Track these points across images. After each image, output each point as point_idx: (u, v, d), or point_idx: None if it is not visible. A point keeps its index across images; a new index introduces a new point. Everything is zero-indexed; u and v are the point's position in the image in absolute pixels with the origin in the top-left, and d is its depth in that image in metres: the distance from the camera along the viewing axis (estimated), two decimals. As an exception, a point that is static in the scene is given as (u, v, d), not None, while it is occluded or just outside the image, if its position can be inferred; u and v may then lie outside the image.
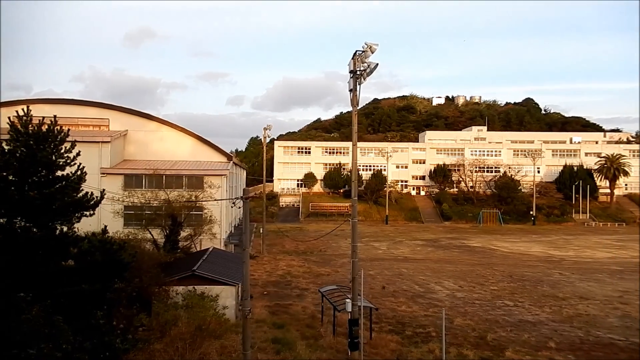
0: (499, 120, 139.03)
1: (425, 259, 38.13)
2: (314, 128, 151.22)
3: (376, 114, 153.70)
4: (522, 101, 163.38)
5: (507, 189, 72.47)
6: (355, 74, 14.70)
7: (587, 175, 74.15)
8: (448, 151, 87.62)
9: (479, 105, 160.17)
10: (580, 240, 50.98)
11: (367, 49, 14.25)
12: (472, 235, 54.45)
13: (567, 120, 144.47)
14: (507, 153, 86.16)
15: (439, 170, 79.84)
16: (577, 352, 16.52)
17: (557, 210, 71.00)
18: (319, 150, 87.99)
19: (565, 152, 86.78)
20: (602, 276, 30.72)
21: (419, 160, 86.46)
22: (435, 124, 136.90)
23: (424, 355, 15.70)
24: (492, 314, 21.43)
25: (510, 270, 32.75)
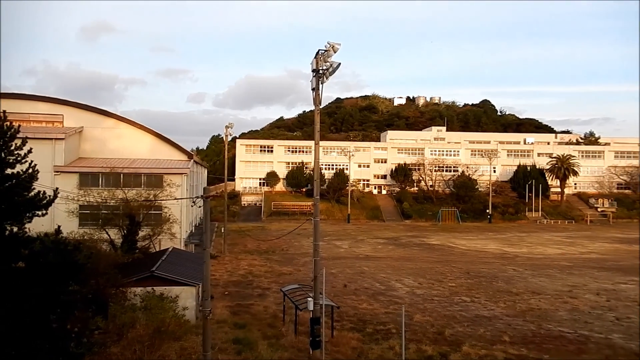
0: (458, 120, 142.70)
1: (386, 257, 38.71)
2: (276, 127, 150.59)
3: (339, 113, 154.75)
4: (480, 103, 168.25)
5: (465, 188, 74.52)
6: (317, 73, 14.76)
7: (540, 175, 77.21)
8: (409, 151, 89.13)
9: (438, 106, 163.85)
10: (533, 237, 53.02)
11: (330, 48, 14.33)
12: (431, 233, 55.66)
13: (521, 121, 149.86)
14: (465, 153, 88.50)
15: (400, 170, 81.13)
16: (529, 345, 17.19)
17: (511, 208, 73.55)
18: (282, 149, 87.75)
19: (519, 153, 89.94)
20: (553, 272, 32.06)
21: (381, 160, 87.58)
22: (396, 124, 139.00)
23: (385, 352, 15.97)
24: (450, 310, 22.01)
25: (468, 267, 33.69)
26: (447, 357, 15.50)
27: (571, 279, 29.68)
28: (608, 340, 17.87)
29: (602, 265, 34.85)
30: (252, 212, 73.17)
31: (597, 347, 17.00)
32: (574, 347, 17.09)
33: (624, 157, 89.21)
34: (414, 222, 69.00)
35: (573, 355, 16.14)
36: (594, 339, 17.92)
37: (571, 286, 27.39)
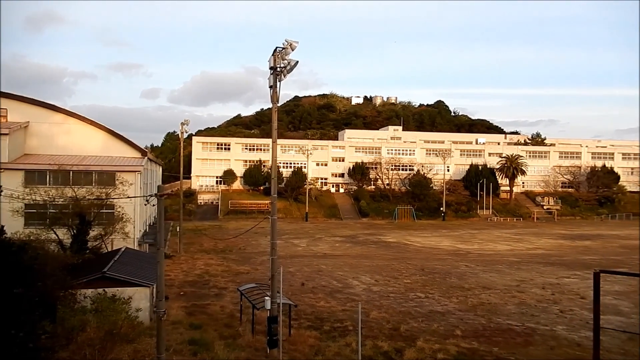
0: (413, 120, 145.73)
1: (344, 255, 39.07)
2: (233, 124, 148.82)
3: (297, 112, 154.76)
4: (434, 103, 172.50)
5: (420, 186, 76.22)
6: (275, 71, 14.68)
7: (490, 174, 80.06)
8: (366, 150, 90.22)
9: (395, 105, 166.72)
10: (484, 234, 54.91)
11: (288, 46, 14.28)
12: (388, 231, 56.59)
13: (473, 122, 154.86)
14: (421, 152, 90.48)
15: (357, 168, 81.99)
16: (480, 338, 17.80)
17: (464, 206, 75.88)
18: (239, 146, 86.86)
19: (471, 152, 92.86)
20: (502, 267, 33.33)
21: (339, 158, 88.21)
22: (354, 123, 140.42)
23: (341, 349, 16.13)
24: (405, 306, 22.48)
25: (422, 263, 34.49)
26: (402, 352, 15.83)
27: (519, 274, 30.93)
28: (553, 332, 18.75)
29: (547, 261, 36.52)
30: (209, 211, 72.04)
31: (543, 339, 17.80)
32: (522, 339, 17.83)
33: (567, 157, 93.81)
34: (371, 220, 69.94)
35: (520, 347, 16.84)
36: (540, 331, 18.76)
37: (519, 281, 28.54)
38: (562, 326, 19.50)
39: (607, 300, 22.86)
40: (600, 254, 40.95)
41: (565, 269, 32.92)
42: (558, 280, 28.82)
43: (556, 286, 27.19)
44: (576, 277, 29.66)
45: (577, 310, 21.94)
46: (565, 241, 49.30)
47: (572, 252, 41.94)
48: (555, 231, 58.65)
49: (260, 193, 77.43)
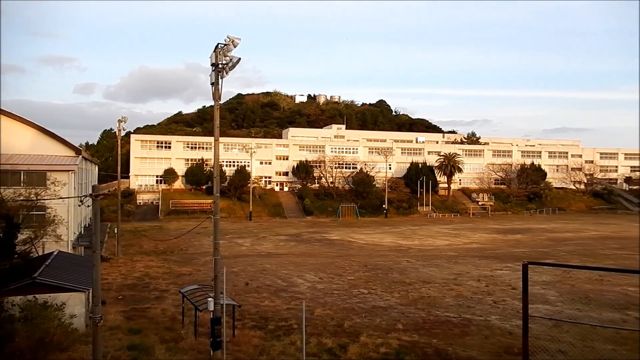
0: (356, 119, 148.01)
1: (288, 253, 39.12)
2: (174, 122, 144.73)
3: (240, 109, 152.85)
4: (376, 102, 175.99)
5: (363, 184, 77.62)
6: (217, 68, 14.41)
7: (430, 172, 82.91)
8: (310, 148, 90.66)
9: (338, 104, 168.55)
10: (424, 230, 56.79)
11: (230, 42, 14.07)
12: (332, 229, 57.21)
13: (413, 121, 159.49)
14: (363, 151, 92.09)
15: (301, 167, 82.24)
16: (420, 331, 18.44)
17: (405, 203, 78.07)
18: (180, 145, 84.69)
19: (412, 151, 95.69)
20: (441, 261, 34.64)
21: (283, 157, 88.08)
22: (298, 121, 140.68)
23: (286, 348, 16.18)
24: (349, 303, 22.85)
25: (366, 260, 35.18)
26: (346, 348, 16.10)
27: (456, 267, 32.27)
28: (487, 322, 19.73)
29: (482, 254, 38.34)
30: (149, 211, 69.78)
31: (478, 329, 18.70)
32: (459, 330, 18.63)
33: (500, 155, 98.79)
34: (315, 218, 70.42)
35: (458, 338, 17.59)
36: (475, 322, 19.68)
37: (456, 274, 29.78)
38: (495, 316, 20.54)
39: (536, 290, 24.36)
40: (530, 246, 43.51)
41: (498, 261, 34.69)
42: (492, 273, 30.33)
43: (490, 278, 28.60)
44: (508, 269, 31.33)
45: (509, 300, 23.19)
46: (498, 235, 51.93)
47: (504, 245, 44.27)
48: (489, 226, 61.63)
49: (203, 192, 75.92)
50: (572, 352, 15.28)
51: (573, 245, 44.26)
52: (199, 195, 74.53)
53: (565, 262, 34.12)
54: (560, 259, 36.15)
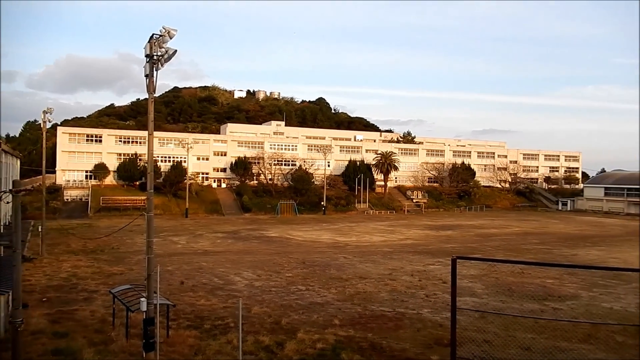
0: (296, 116, 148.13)
1: (226, 251, 38.59)
2: (106, 114, 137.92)
3: (176, 103, 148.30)
4: (316, 100, 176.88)
5: (302, 181, 77.99)
6: (151, 59, 13.92)
7: (367, 170, 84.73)
8: (249, 144, 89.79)
9: (278, 101, 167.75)
10: (361, 226, 57.99)
11: (165, 33, 13.64)
12: (270, 226, 57.03)
13: (352, 120, 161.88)
14: (303, 148, 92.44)
15: (240, 163, 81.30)
16: (356, 325, 18.85)
17: (343, 200, 79.29)
18: (112, 138, 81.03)
19: (350, 149, 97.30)
20: (377, 257, 35.55)
21: (221, 153, 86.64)
22: (236, 117, 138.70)
23: (223, 347, 16.00)
24: (287, 300, 22.93)
25: (304, 257, 35.41)
26: (283, 345, 16.17)
27: (391, 263, 33.25)
28: (419, 315, 20.51)
29: (415, 250, 39.77)
30: (78, 208, 66.23)
31: (411, 322, 19.40)
32: (393, 324, 19.24)
33: (433, 154, 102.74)
34: (254, 215, 69.91)
35: (392, 332, 18.17)
36: (409, 315, 20.41)
37: (391, 270, 30.68)
38: (427, 309, 21.40)
39: (464, 284, 25.63)
40: (459, 242, 45.65)
41: (431, 256, 36.13)
42: (424, 268, 31.54)
43: (423, 273, 29.73)
44: (440, 264, 32.70)
45: (440, 294, 24.22)
46: (430, 231, 54.04)
47: (436, 241, 46.15)
48: (422, 222, 63.97)
49: (136, 188, 73.10)
50: (496, 341, 16.24)
51: (498, 240, 46.94)
52: (132, 192, 71.68)
53: (491, 257, 36.18)
54: (487, 254, 38.23)
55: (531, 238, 49.06)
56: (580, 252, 40.15)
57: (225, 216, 68.41)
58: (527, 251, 39.94)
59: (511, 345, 15.98)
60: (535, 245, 43.47)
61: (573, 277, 28.24)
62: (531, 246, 43.05)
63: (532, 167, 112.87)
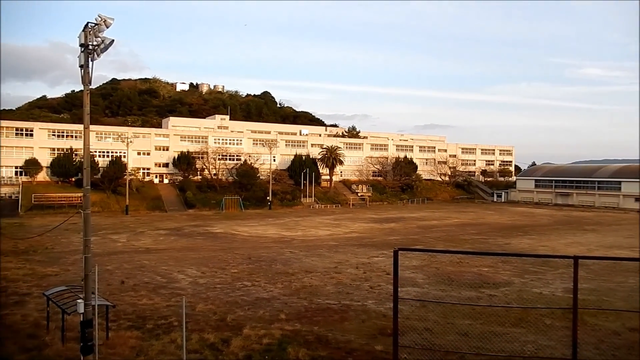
0: (241, 110, 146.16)
1: (169, 248, 37.66)
2: (37, 106, 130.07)
3: (115, 96, 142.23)
4: (261, 94, 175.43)
5: (248, 176, 77.32)
6: (86, 49, 13.28)
7: (313, 164, 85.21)
8: (192, 138, 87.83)
9: (222, 94, 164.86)
10: (307, 221, 58.32)
11: (102, 22, 13.03)
12: (215, 222, 56.18)
13: (297, 114, 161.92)
14: (248, 142, 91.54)
15: (183, 158, 79.39)
16: (303, 319, 19.02)
17: (289, 195, 79.37)
18: (45, 132, 76.63)
19: (296, 143, 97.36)
20: (323, 251, 35.93)
21: (163, 147, 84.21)
22: (179, 110, 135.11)
23: (166, 347, 15.66)
24: (232, 296, 22.74)
25: (249, 252, 35.20)
26: (229, 342, 16.05)
27: (337, 256, 33.72)
28: (364, 306, 20.97)
29: (360, 243, 40.54)
30: (7, 207, 62.25)
31: (356, 314, 19.81)
32: (338, 316, 19.56)
33: (377, 149, 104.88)
34: (198, 211, 68.60)
35: (337, 324, 18.48)
36: (354, 307, 20.82)
37: (337, 263, 31.12)
38: (372, 301, 21.92)
39: (407, 274, 26.46)
40: (402, 234, 46.99)
41: (375, 249, 36.96)
42: (369, 260, 32.22)
43: (367, 265, 30.37)
44: (383, 256, 33.50)
45: (384, 285, 24.85)
46: (375, 224, 55.23)
47: (380, 233, 47.25)
48: (367, 215, 65.24)
49: (72, 185, 69.66)
50: (436, 328, 16.92)
51: (439, 232, 48.73)
52: (68, 188, 68.24)
53: (432, 248, 37.54)
54: (428, 245, 39.63)
55: (469, 229, 51.30)
56: (513, 241, 42.46)
57: (168, 213, 66.64)
58: (465, 241, 41.74)
59: (450, 331, 16.69)
60: (472, 236, 45.51)
61: (507, 264, 29.85)
62: (469, 236, 45.03)
63: (470, 160, 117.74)
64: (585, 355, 13.56)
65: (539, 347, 15.21)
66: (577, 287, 10.95)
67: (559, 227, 53.43)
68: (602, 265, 28.00)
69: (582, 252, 35.24)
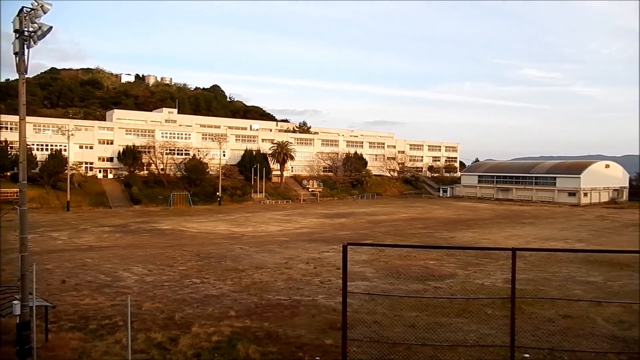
0: (189, 104, 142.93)
1: (113, 245, 36.38)
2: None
3: (55, 86, 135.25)
4: (211, 87, 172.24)
5: (197, 171, 75.82)
6: (21, 35, 12.56)
7: (264, 159, 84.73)
8: (138, 132, 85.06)
9: (170, 87, 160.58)
10: (257, 216, 57.98)
11: (38, 7, 12.35)
12: (162, 218, 54.79)
13: (248, 108, 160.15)
14: (197, 136, 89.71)
15: (128, 152, 76.78)
16: (253, 316, 18.94)
17: (239, 190, 78.57)
18: (-26, 124, 71.63)
19: (246, 138, 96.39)
20: (273, 247, 35.87)
21: (107, 141, 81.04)
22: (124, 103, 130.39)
23: (110, 348, 15.17)
24: (181, 294, 22.30)
25: (199, 249, 34.60)
26: (177, 340, 15.76)
27: (288, 252, 33.76)
28: (314, 301, 21.15)
29: (311, 238, 40.78)
30: None
31: (306, 309, 19.94)
32: (289, 311, 19.63)
33: (328, 144, 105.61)
34: (144, 207, 66.65)
35: (288, 319, 18.54)
36: (304, 302, 20.95)
37: (287, 258, 31.17)
38: (322, 295, 22.13)
39: (356, 269, 26.90)
40: (352, 229, 47.66)
41: (325, 244, 37.29)
42: (319, 255, 32.48)
43: (318, 260, 30.61)
44: (334, 251, 33.85)
45: (334, 279, 25.14)
46: (325, 220, 55.69)
47: (331, 229, 47.71)
48: (317, 211, 65.66)
49: (7, 180, 65.59)
50: (385, 321, 17.34)
51: (387, 226, 49.80)
52: (3, 183, 64.22)
53: (380, 242, 38.29)
54: (377, 239, 40.41)
55: (416, 223, 52.74)
56: (458, 234, 44.07)
57: (113, 209, 64.29)
58: (412, 235, 42.90)
59: (398, 323, 17.15)
60: (419, 230, 46.84)
61: (451, 257, 30.96)
62: (416, 230, 46.32)
63: (418, 157, 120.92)
64: (523, 342, 14.34)
65: (481, 335, 15.92)
66: (515, 278, 11.54)
67: (499, 221, 55.94)
68: (539, 257, 29.65)
69: (520, 245, 37.12)
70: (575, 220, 57.86)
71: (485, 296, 21.14)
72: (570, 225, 51.84)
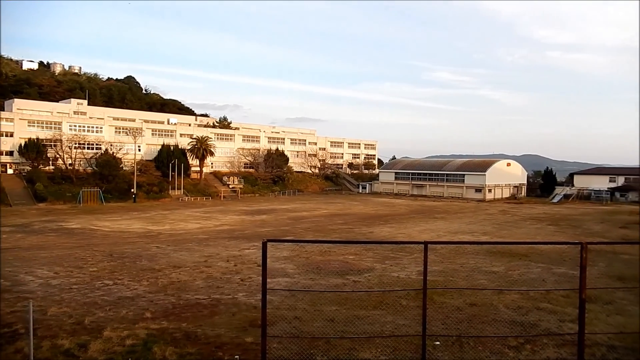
0: (101, 95, 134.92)
1: (14, 247, 33.52)
2: None
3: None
4: (124, 78, 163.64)
5: (109, 167, 71.91)
6: None
7: (182, 155, 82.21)
8: (43, 124, 78.91)
9: (79, 76, 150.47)
10: (175, 214, 56.16)
11: None
12: (71, 217, 51.34)
13: (165, 102, 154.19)
14: (109, 130, 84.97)
15: (31, 146, 71.06)
16: (170, 317, 18.36)
17: (156, 187, 75.57)
18: None
19: (163, 132, 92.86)
20: (192, 245, 34.96)
21: (6, 133, 74.42)
22: (26, 92, 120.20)
23: (10, 358, 14.03)
24: (91, 297, 21.09)
25: (111, 249, 32.87)
26: (87, 346, 14.90)
27: (207, 250, 33.07)
28: (235, 299, 20.93)
29: (231, 235, 40.24)
30: None
31: (226, 308, 19.69)
32: (208, 311, 19.26)
33: (249, 140, 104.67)
34: (50, 205, 62.06)
35: (207, 319, 18.20)
36: (224, 301, 20.66)
37: (207, 256, 30.52)
38: (242, 293, 21.95)
39: (277, 265, 26.98)
40: (273, 226, 47.68)
41: (246, 241, 36.99)
42: (240, 253, 32.16)
43: (238, 258, 30.29)
44: (255, 248, 33.69)
45: (255, 277, 25.03)
46: (246, 216, 55.20)
47: (252, 226, 47.37)
48: (238, 208, 64.89)
49: None
50: (305, 316, 17.59)
51: (308, 222, 50.40)
52: None
53: (301, 238, 38.71)
54: (298, 235, 40.79)
55: (336, 219, 53.87)
56: (376, 229, 45.65)
57: (13, 207, 59.13)
58: (333, 231, 43.78)
59: (318, 318, 17.48)
60: (339, 226, 47.90)
61: (369, 252, 32.02)
62: (336, 226, 47.32)
63: (338, 154, 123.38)
64: (434, 330, 15.23)
65: (397, 326, 16.67)
66: (426, 270, 12.21)
67: (414, 216, 58.70)
68: (449, 249, 31.53)
69: (432, 238, 39.25)
70: (481, 214, 62.16)
71: (400, 288, 22.12)
72: (477, 220, 55.61)
